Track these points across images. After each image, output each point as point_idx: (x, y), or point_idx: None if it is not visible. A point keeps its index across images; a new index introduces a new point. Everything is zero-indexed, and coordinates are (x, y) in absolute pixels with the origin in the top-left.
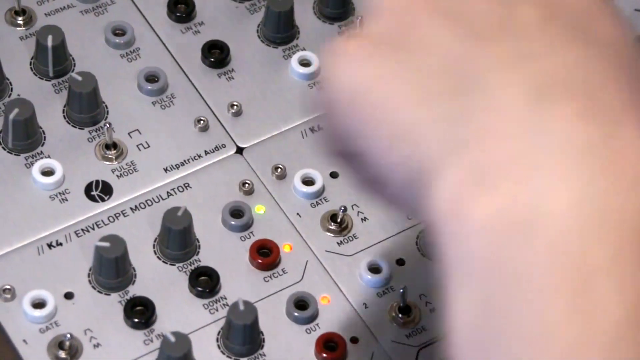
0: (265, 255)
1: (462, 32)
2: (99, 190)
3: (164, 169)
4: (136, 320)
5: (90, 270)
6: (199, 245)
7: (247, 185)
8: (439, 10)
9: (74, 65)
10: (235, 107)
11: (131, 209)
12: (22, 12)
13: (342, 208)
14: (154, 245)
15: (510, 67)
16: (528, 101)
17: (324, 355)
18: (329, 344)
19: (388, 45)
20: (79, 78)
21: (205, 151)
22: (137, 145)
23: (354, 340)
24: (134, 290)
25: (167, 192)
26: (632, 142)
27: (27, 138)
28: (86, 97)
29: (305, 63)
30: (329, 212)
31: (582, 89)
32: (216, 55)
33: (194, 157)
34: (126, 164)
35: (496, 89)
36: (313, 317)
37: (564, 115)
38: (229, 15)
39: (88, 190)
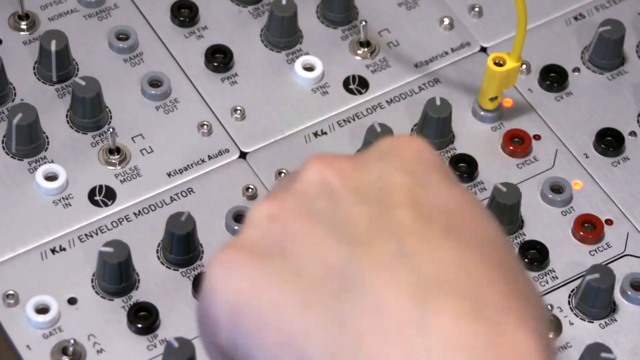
0: None
1: (338, 236)
2: (102, 195)
3: (167, 173)
4: (140, 325)
5: (93, 275)
6: (203, 251)
7: (250, 190)
8: (312, 216)
9: (78, 70)
10: (238, 111)
11: (135, 214)
12: (26, 16)
13: None
14: (157, 250)
15: (390, 267)
16: (409, 301)
17: None
18: None
19: (265, 253)
20: (83, 83)
21: (209, 156)
22: (141, 150)
23: None
24: (138, 295)
25: (171, 197)
26: (515, 343)
27: (30, 143)
28: (90, 101)
29: (308, 67)
30: None
31: (464, 288)
32: (219, 59)
33: (198, 161)
34: (129, 169)
35: (377, 291)
36: None
37: (446, 315)
38: (233, 19)
39: (91, 195)
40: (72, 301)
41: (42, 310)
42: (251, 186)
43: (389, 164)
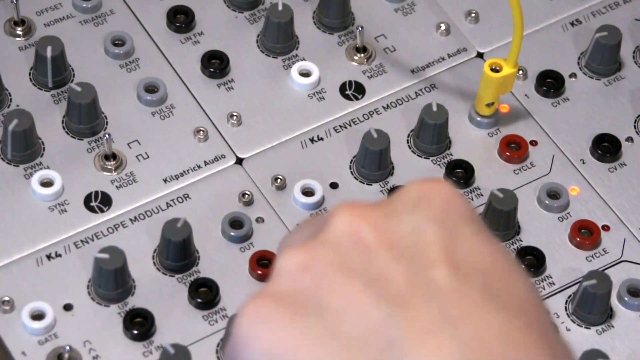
0: (266, 266)
1: (376, 294)
2: (98, 201)
3: (163, 179)
4: (135, 331)
5: (89, 281)
6: (199, 257)
7: (246, 195)
8: (348, 270)
9: (73, 76)
10: (234, 117)
11: (130, 220)
12: (22, 22)
13: None
14: (153, 256)
15: (431, 333)
16: None
17: None
18: None
19: (300, 306)
20: (79, 89)
21: (205, 162)
22: (137, 156)
23: None
24: (134, 301)
25: (167, 203)
26: None
27: (26, 149)
28: (85, 107)
29: (305, 73)
30: None
31: (507, 355)
32: (216, 65)
33: (194, 167)
34: (125, 175)
35: (418, 356)
36: None
37: None
38: (229, 25)
39: (87, 201)
40: (67, 307)
41: (38, 316)
42: (247, 192)
43: (421, 214)
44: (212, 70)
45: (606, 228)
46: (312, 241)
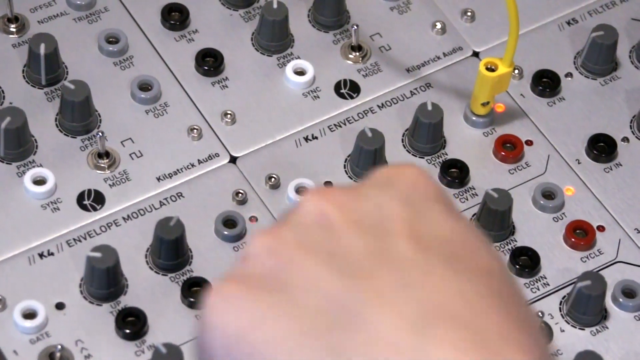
0: None
1: (337, 268)
2: (91, 200)
3: (156, 178)
4: (128, 331)
5: (81, 280)
6: (192, 256)
7: (240, 194)
8: (310, 249)
9: (67, 74)
10: (229, 115)
11: (123, 218)
12: (15, 19)
13: None
14: (146, 255)
15: (389, 299)
16: (409, 332)
17: None
18: None
19: (264, 286)
20: (72, 86)
21: (199, 160)
22: (130, 154)
23: None
24: (126, 300)
25: (160, 202)
26: None
27: (18, 147)
28: (79, 105)
29: (299, 72)
30: None
31: (464, 317)
32: (210, 63)
33: (187, 166)
34: (119, 173)
35: (376, 322)
36: None
37: (446, 344)
38: (224, 23)
39: (80, 199)
40: (59, 306)
41: (30, 315)
42: (241, 191)
43: (386, 193)
44: (206, 68)
45: (601, 229)
46: (278, 224)
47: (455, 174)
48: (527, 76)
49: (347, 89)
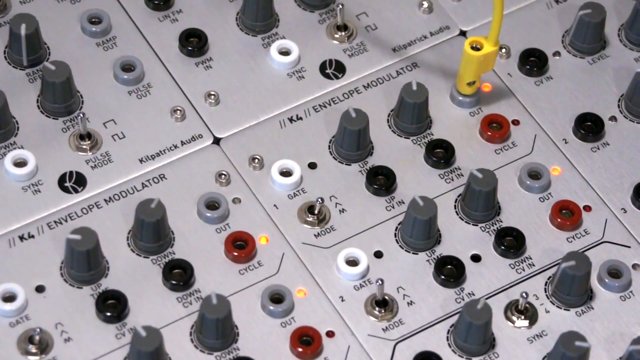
0: (241, 248)
1: None
2: (72, 182)
3: (139, 159)
4: (108, 314)
5: (62, 263)
6: (174, 238)
7: (223, 176)
8: None
9: (49, 54)
10: (212, 96)
11: (105, 200)
12: None
13: (320, 200)
14: (128, 237)
15: None
16: None
17: (299, 349)
18: (304, 338)
19: None
20: (53, 67)
21: (182, 141)
22: (112, 136)
23: (330, 334)
24: (107, 283)
25: (142, 184)
26: None
27: None
28: (60, 86)
29: (284, 52)
30: (306, 204)
31: None
32: (194, 43)
33: (170, 147)
34: (101, 155)
35: None
36: (288, 311)
37: None
38: (208, 3)
39: (61, 181)
40: (39, 289)
41: (9, 298)
42: (224, 172)
43: None
44: (190, 48)
45: (588, 209)
46: None
47: (441, 154)
48: (514, 55)
49: (333, 69)
